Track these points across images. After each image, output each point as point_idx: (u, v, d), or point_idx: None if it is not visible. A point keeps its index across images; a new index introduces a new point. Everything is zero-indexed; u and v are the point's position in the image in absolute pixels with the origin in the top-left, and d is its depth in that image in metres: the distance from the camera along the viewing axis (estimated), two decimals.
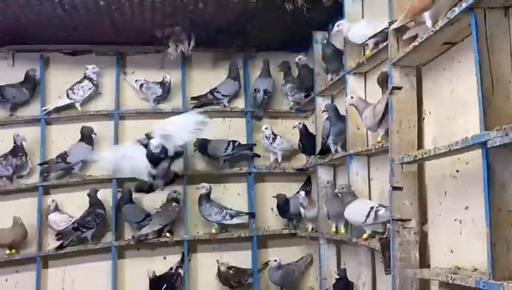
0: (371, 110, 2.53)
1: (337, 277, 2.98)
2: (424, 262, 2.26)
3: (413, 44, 2.07)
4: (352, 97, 2.68)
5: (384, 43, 2.48)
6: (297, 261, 3.89)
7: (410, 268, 2.18)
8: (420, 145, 2.30)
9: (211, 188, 3.67)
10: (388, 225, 2.32)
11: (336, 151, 3.15)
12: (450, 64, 2.13)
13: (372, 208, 2.51)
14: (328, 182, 3.27)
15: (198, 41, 3.51)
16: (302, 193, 3.46)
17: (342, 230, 3.11)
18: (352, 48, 2.95)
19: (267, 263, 3.78)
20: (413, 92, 2.31)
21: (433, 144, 2.23)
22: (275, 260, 3.60)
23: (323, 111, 3.18)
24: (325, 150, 3.25)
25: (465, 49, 1.99)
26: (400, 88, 2.29)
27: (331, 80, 3.24)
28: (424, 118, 2.34)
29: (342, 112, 3.07)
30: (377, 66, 2.84)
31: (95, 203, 3.55)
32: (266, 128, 3.84)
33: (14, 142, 3.53)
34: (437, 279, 1.99)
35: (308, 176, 4.02)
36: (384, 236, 2.31)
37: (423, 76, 2.35)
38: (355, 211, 2.59)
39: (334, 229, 3.15)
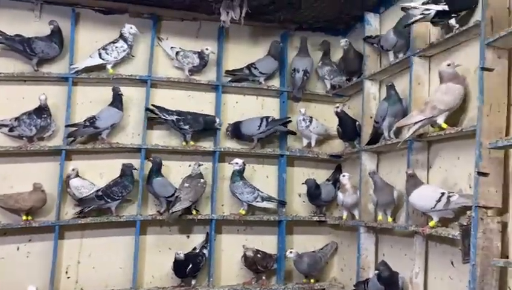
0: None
1: (380, 268, 2.84)
2: (502, 253, 2.17)
3: None
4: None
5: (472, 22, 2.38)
6: (321, 248, 3.77)
7: (492, 257, 2.09)
8: (508, 132, 2.20)
9: (244, 164, 3.50)
10: (468, 212, 2.21)
11: (389, 137, 3.03)
12: None
13: (443, 193, 2.41)
14: (370, 173, 3.12)
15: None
16: (347, 175, 3.32)
17: (389, 219, 2.99)
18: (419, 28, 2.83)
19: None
20: (505, 75, 2.21)
21: None
22: (290, 252, 3.47)
23: (389, 86, 3.02)
24: (377, 137, 3.12)
25: None
26: (491, 70, 2.19)
27: (389, 63, 3.11)
28: None
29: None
30: (446, 50, 2.74)
31: (127, 175, 3.30)
32: (301, 110, 3.70)
33: (40, 102, 3.23)
34: None
35: (338, 164, 3.90)
36: (465, 223, 2.21)
37: None
38: (424, 196, 2.47)
39: (381, 217, 3.04)
